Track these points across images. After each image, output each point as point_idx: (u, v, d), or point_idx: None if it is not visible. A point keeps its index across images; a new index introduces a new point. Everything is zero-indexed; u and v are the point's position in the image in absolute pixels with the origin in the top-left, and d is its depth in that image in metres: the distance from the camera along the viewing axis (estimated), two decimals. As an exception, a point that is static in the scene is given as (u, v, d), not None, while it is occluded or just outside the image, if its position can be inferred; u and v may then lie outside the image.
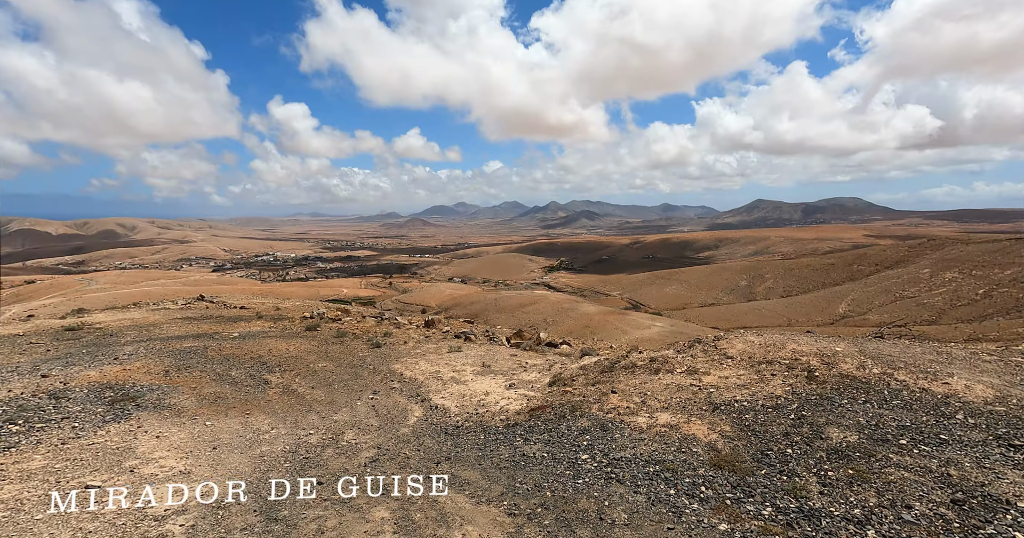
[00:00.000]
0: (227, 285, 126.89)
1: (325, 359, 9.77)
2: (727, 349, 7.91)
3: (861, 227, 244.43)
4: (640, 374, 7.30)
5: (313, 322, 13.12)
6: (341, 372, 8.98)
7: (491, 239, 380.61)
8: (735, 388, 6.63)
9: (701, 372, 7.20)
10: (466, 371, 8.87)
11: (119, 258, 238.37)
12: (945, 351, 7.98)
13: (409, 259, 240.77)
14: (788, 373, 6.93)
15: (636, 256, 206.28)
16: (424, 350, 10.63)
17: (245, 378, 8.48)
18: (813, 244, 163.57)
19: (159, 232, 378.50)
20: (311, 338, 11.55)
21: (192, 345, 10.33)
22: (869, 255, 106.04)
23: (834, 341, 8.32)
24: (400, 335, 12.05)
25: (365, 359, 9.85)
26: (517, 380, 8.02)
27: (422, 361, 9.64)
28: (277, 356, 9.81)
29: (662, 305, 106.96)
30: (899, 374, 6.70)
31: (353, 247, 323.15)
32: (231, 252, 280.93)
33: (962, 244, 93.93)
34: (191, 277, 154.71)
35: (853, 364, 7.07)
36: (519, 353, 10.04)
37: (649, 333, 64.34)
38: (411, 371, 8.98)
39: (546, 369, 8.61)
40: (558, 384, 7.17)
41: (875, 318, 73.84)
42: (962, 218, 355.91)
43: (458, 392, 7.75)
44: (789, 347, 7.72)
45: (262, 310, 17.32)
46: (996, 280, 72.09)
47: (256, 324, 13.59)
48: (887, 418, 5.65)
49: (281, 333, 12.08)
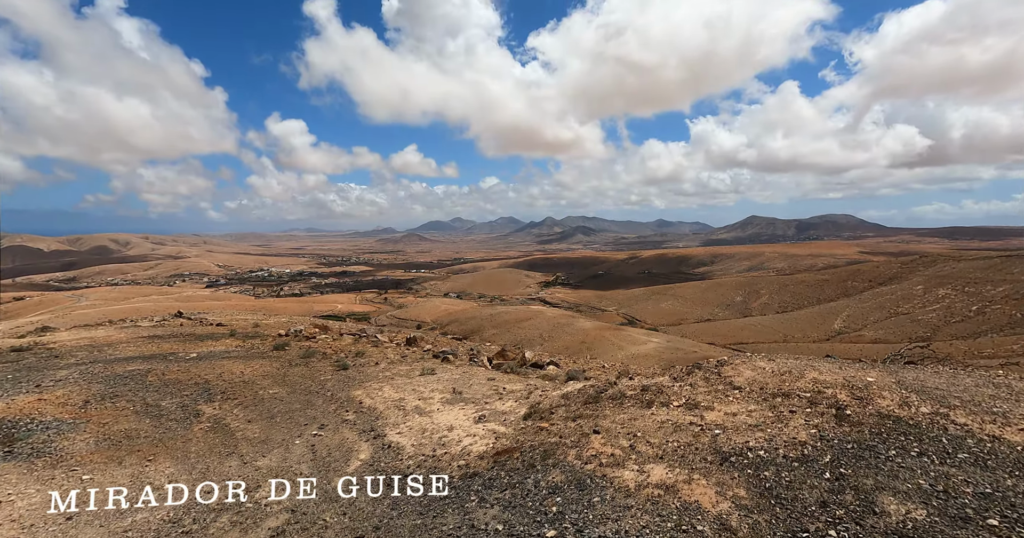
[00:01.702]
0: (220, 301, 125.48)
1: (280, 384, 9.12)
2: (733, 377, 6.76)
3: (854, 243, 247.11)
4: (630, 407, 6.32)
5: (283, 341, 12.59)
6: (292, 400, 8.28)
7: (487, 254, 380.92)
8: (746, 430, 5.43)
9: (703, 406, 6.10)
10: (434, 399, 8.12)
11: (111, 274, 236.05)
12: (1004, 383, 6.49)
13: (405, 274, 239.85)
14: (811, 410, 5.68)
15: (632, 271, 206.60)
16: (395, 372, 9.99)
17: (175, 409, 7.68)
18: (807, 260, 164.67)
19: (153, 248, 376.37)
20: (275, 359, 10.96)
21: (137, 368, 9.66)
22: (863, 271, 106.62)
23: (862, 369, 7.08)
24: (375, 354, 11.51)
25: (325, 384, 9.18)
26: (489, 411, 7.21)
27: (387, 386, 8.93)
28: (227, 380, 9.14)
29: (658, 320, 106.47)
30: (957, 415, 5.35)
31: (349, 262, 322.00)
32: (226, 268, 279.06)
33: (954, 261, 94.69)
34: (184, 293, 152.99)
35: (893, 400, 5.78)
36: (498, 377, 9.39)
37: (645, 349, 63.74)
38: (372, 399, 8.23)
39: (524, 397, 7.82)
40: (534, 417, 6.37)
41: (870, 334, 73.68)
42: (953, 235, 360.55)
43: (419, 426, 6.93)
44: (809, 376, 6.52)
45: (239, 327, 16.80)
46: (988, 297, 72.40)
47: (224, 343, 13.05)
48: (957, 481, 4.16)
49: (245, 353, 11.50)
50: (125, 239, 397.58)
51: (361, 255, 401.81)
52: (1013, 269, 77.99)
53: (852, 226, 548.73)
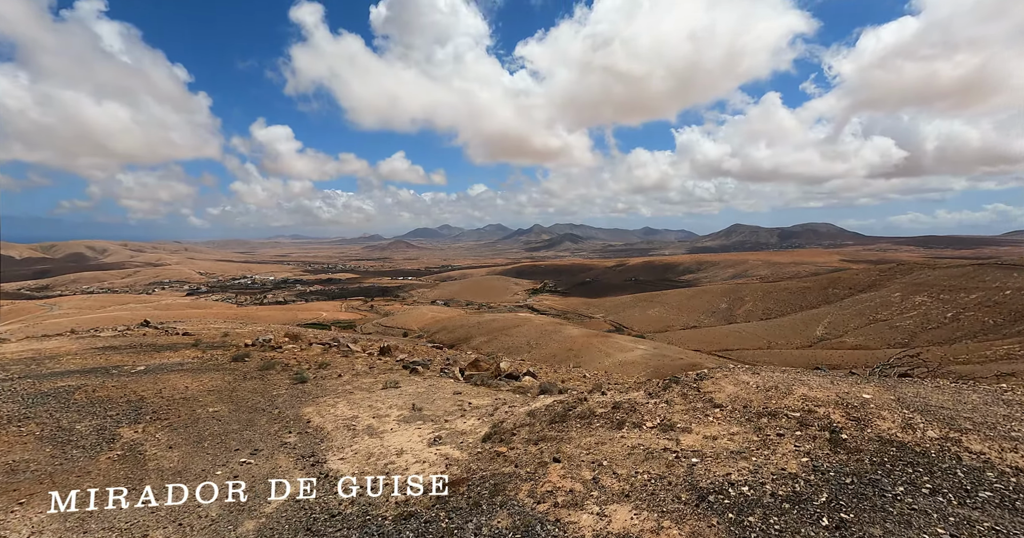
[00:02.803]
0: (200, 309, 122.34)
1: (225, 400, 8.44)
2: (713, 393, 6.11)
3: (835, 251, 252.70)
4: (598, 429, 5.72)
5: (245, 351, 11.94)
6: (232, 419, 7.63)
7: (475, 262, 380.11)
8: (728, 458, 4.67)
9: (679, 428, 5.43)
10: (390, 417, 7.59)
11: (87, 282, 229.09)
12: (1016, 400, 5.79)
13: (392, 282, 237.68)
14: (802, 433, 4.95)
15: (619, 279, 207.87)
16: (356, 386, 9.44)
17: (89, 434, 6.84)
18: (790, 268, 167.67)
19: (131, 255, 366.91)
20: (229, 371, 10.29)
21: (68, 384, 8.93)
22: (843, 279, 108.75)
23: (856, 383, 6.38)
24: (342, 365, 10.94)
25: (276, 400, 8.53)
26: (447, 431, 6.68)
27: (343, 402, 8.34)
28: (165, 397, 8.43)
29: (645, 327, 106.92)
30: (970, 441, 4.58)
31: (334, 270, 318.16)
32: (207, 275, 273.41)
33: (929, 269, 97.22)
34: (163, 301, 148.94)
35: (895, 421, 5.03)
36: (466, 390, 8.88)
37: (632, 356, 63.66)
38: (323, 417, 7.66)
39: (489, 414, 7.24)
40: (494, 439, 5.87)
41: (851, 341, 74.83)
42: (927, 244, 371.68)
43: (366, 450, 6.33)
44: (797, 392, 5.84)
45: (207, 337, 16.03)
46: (962, 304, 74.25)
47: (183, 354, 12.36)
48: (983, 528, 3.38)
49: (200, 365, 10.84)
50: (102, 246, 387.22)
51: (347, 262, 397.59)
52: (984, 277, 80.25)
53: (832, 234, 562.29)
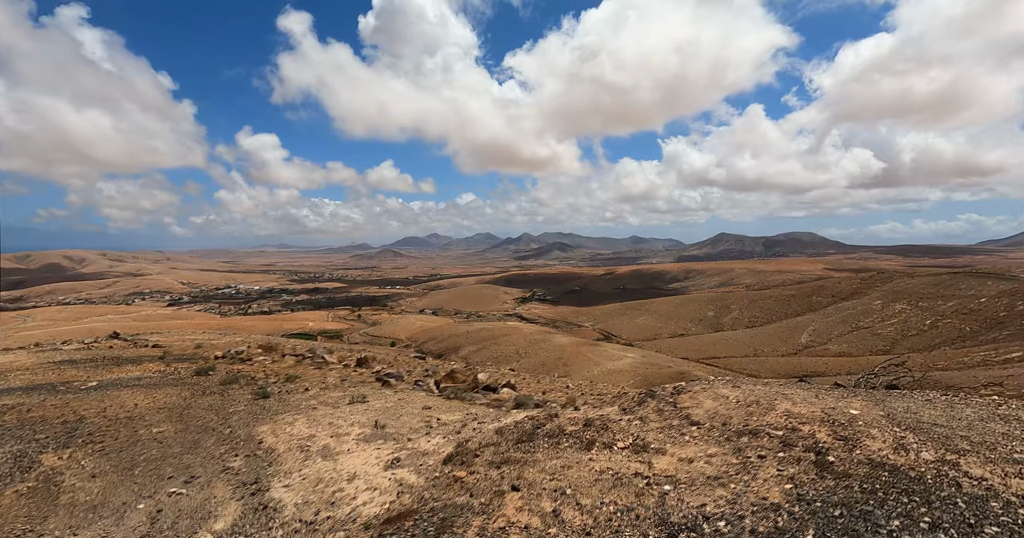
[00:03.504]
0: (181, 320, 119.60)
1: (174, 419, 8.00)
2: (691, 409, 5.72)
3: (818, 260, 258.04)
4: (566, 449, 5.29)
5: (211, 364, 11.59)
6: (175, 441, 7.11)
7: (464, 270, 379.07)
8: (704, 485, 4.24)
9: (653, 449, 4.98)
10: (350, 436, 7.13)
11: (63, 293, 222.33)
12: (1013, 416, 5.38)
13: (380, 291, 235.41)
14: (785, 455, 4.52)
15: (608, 287, 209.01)
16: (322, 400, 9.10)
17: (3, 462, 6.39)
18: (774, 276, 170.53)
19: (111, 265, 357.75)
20: (189, 386, 9.91)
21: (4, 403, 8.48)
22: (826, 287, 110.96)
23: (843, 397, 5.95)
24: (312, 378, 10.68)
25: (230, 418, 8.10)
26: (408, 452, 6.26)
27: (303, 420, 7.92)
28: (108, 417, 7.92)
29: (633, 336, 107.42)
30: (969, 464, 4.11)
31: (321, 279, 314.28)
32: (190, 285, 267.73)
33: (908, 277, 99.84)
34: (142, 312, 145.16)
35: (886, 441, 4.60)
36: (437, 404, 8.56)
37: (621, 365, 63.84)
38: (277, 437, 7.21)
39: (456, 431, 6.86)
40: (455, 462, 5.50)
41: (835, 348, 76.18)
42: (906, 252, 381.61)
43: (316, 475, 5.85)
44: (780, 407, 5.44)
45: (178, 349, 15.63)
46: (940, 311, 76.27)
47: (146, 367, 11.96)
48: None
49: (159, 380, 10.44)
50: (80, 256, 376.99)
51: (335, 271, 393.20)
52: (960, 285, 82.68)
53: (815, 243, 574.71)
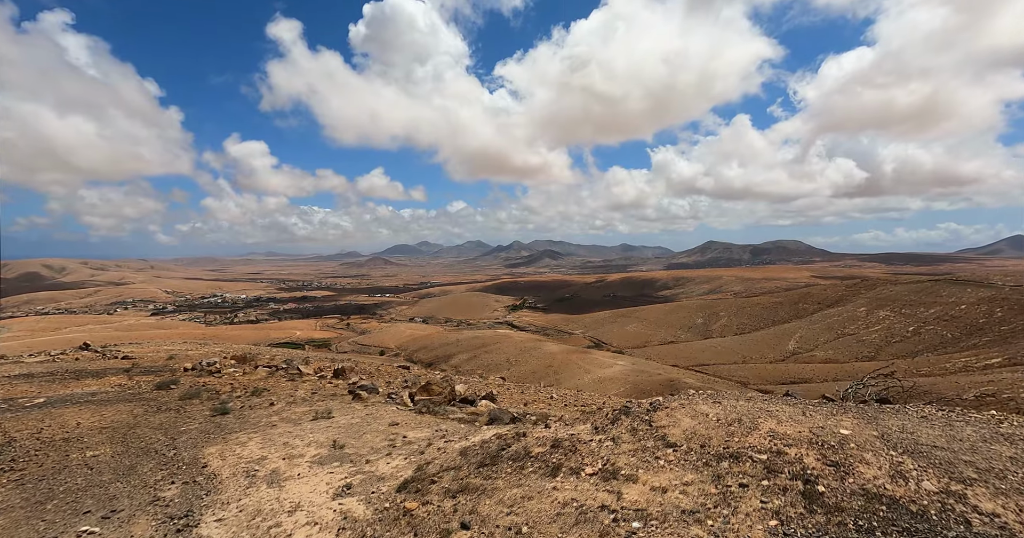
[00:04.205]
0: (165, 329, 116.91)
1: (116, 441, 7.44)
2: (667, 428, 5.26)
3: (804, 268, 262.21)
4: (530, 475, 4.85)
5: (174, 378, 11.27)
6: (109, 466, 6.54)
7: (454, 278, 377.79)
8: (677, 522, 3.81)
9: (623, 476, 4.52)
10: (305, 457, 6.71)
11: (41, 303, 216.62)
12: (1018, 434, 4.94)
13: (369, 299, 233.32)
14: (770, 483, 4.09)
15: (598, 294, 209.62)
16: (285, 416, 8.70)
17: None
18: (762, 284, 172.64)
19: (92, 274, 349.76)
20: (145, 402, 9.45)
21: None
22: (812, 294, 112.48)
23: (832, 414, 5.51)
24: (282, 391, 10.39)
25: (181, 437, 7.63)
26: (363, 477, 5.84)
27: (258, 439, 7.49)
28: (42, 440, 7.38)
29: (624, 343, 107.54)
30: (978, 497, 3.68)
31: (310, 287, 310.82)
32: (175, 294, 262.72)
33: (891, 284, 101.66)
34: (125, 322, 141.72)
35: (881, 468, 4.17)
36: (406, 420, 8.22)
37: (611, 372, 63.74)
38: (224, 459, 6.74)
39: (421, 451, 6.49)
40: (410, 489, 5.09)
41: (822, 354, 76.94)
42: (889, 260, 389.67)
43: (255, 505, 5.33)
44: (764, 426, 5.03)
45: (148, 360, 15.17)
46: (923, 318, 77.62)
47: (106, 381, 11.54)
48: None
49: (116, 396, 9.99)
50: (60, 264, 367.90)
51: (323, 280, 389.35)
52: (942, 292, 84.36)
53: (801, 251, 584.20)
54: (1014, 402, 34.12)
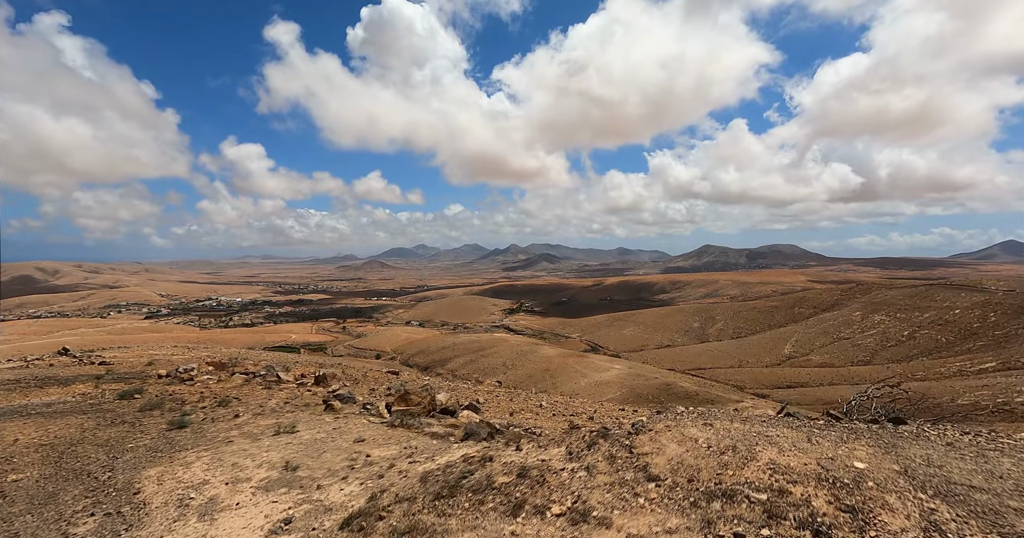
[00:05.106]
0: (158, 333, 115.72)
1: (49, 461, 6.86)
2: (650, 456, 4.55)
3: (800, 272, 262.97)
4: (488, 514, 4.28)
5: (139, 387, 10.86)
6: (27, 494, 5.93)
7: (451, 281, 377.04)
8: None
9: (595, 519, 3.86)
10: (251, 481, 6.13)
11: (34, 306, 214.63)
12: None
13: (366, 302, 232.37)
14: (771, 532, 3.36)
15: (595, 298, 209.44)
16: (246, 431, 8.17)
17: None
18: (758, 288, 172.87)
19: (86, 277, 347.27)
20: (101, 414, 8.92)
21: None
22: (808, 298, 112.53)
23: (842, 440, 4.69)
24: (254, 400, 9.97)
25: (123, 456, 7.04)
26: (309, 507, 5.28)
27: (206, 458, 6.90)
28: None
29: (620, 347, 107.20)
30: None
31: (306, 291, 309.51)
32: (169, 297, 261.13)
33: (886, 289, 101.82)
34: (118, 325, 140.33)
35: (910, 516, 3.36)
36: (374, 436, 7.68)
37: (607, 376, 63.32)
38: (161, 484, 6.15)
39: (380, 474, 5.95)
40: (354, 526, 4.52)
41: (817, 358, 76.78)
42: (884, 265, 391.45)
43: None
44: (763, 456, 4.28)
45: (125, 366, 14.71)
46: (917, 322, 77.64)
47: (71, 390, 11.07)
48: None
49: (72, 407, 9.47)
50: (53, 268, 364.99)
51: (320, 283, 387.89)
52: (936, 297, 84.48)
53: (797, 255, 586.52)
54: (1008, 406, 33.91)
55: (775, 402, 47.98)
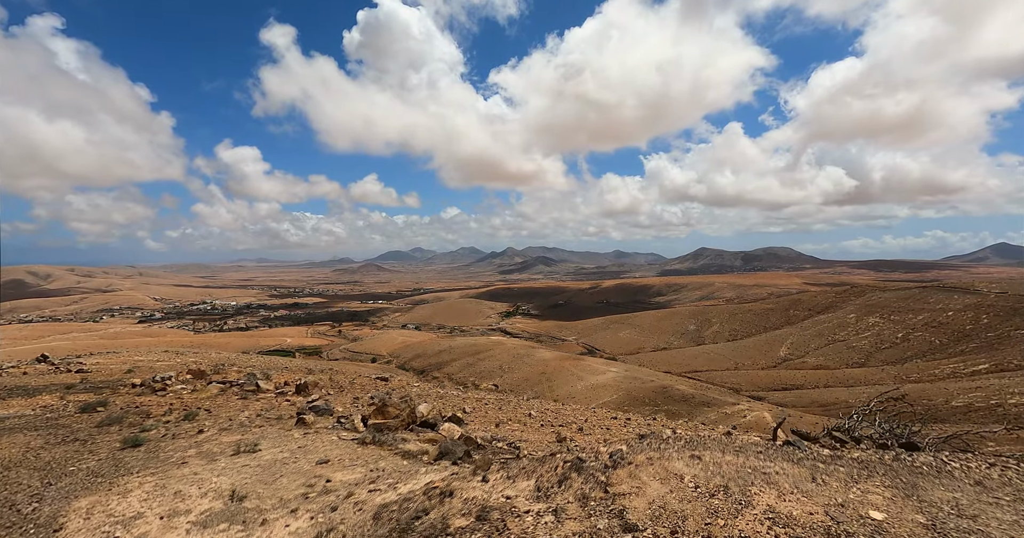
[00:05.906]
0: (152, 337, 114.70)
1: None
2: (628, 498, 3.79)
3: (795, 274, 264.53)
4: None
5: (103, 398, 10.53)
6: None
7: (448, 284, 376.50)
8: None
9: None
10: (191, 514, 5.49)
11: (25, 310, 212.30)
12: None
13: (362, 306, 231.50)
14: None
15: (591, 301, 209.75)
16: (205, 449, 7.58)
17: None
18: (753, 290, 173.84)
19: (79, 280, 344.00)
20: (53, 430, 8.42)
21: None
22: (803, 301, 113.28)
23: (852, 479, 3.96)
24: (222, 413, 9.55)
25: (58, 482, 6.39)
26: None
27: (148, 485, 6.30)
28: None
29: (617, 350, 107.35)
30: None
31: (302, 294, 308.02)
32: (163, 301, 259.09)
33: (880, 291, 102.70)
34: (110, 329, 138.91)
35: None
36: (341, 455, 7.17)
37: (604, 379, 63.36)
38: (89, 517, 5.45)
39: (335, 505, 5.42)
40: None
41: (813, 361, 77.25)
42: (877, 267, 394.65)
43: None
44: (760, 500, 3.55)
45: (104, 374, 14.41)
46: (911, 324, 78.36)
47: (37, 401, 10.71)
48: None
49: (25, 422, 8.95)
50: (45, 271, 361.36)
51: (315, 286, 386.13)
52: (929, 299, 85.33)
53: (791, 258, 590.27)
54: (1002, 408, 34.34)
55: (771, 404, 48.21)
